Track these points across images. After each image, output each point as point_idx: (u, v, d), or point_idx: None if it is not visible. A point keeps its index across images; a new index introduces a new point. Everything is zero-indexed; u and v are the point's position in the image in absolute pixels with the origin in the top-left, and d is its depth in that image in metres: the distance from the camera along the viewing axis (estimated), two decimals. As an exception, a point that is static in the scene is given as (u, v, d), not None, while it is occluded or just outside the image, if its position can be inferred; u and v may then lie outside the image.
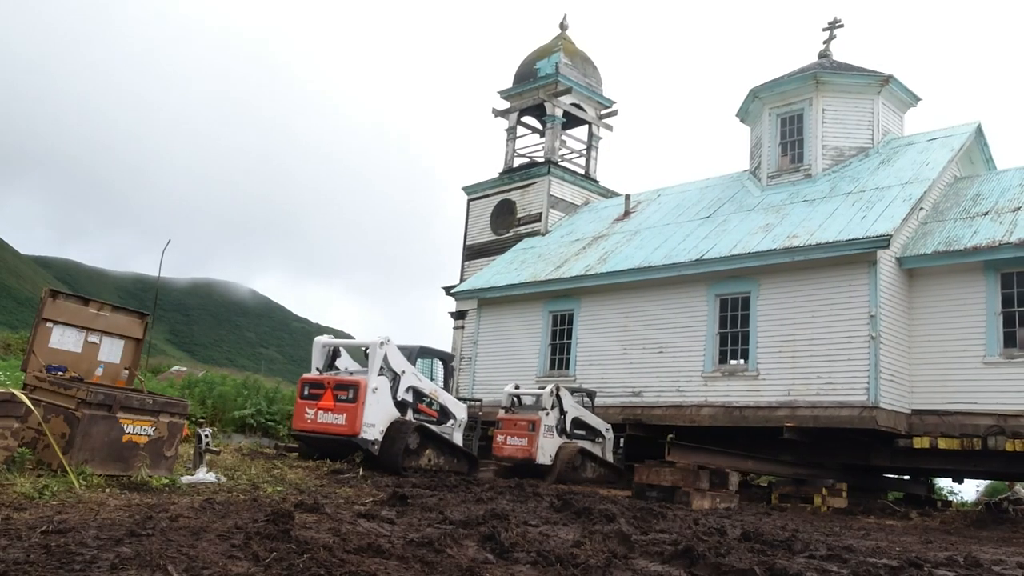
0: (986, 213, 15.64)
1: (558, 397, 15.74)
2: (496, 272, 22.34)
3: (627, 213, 22.33)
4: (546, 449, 15.23)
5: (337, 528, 5.79)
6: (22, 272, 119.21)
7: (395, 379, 13.03)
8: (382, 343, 12.85)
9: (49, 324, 9.01)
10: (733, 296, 16.86)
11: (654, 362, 17.71)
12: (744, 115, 20.91)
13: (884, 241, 14.44)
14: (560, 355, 19.83)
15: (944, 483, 24.78)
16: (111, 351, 9.52)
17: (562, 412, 15.83)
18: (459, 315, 24.48)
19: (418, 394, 13.53)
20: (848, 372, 14.75)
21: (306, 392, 12.76)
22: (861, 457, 15.72)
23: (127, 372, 9.68)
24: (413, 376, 13.49)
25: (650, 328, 18.00)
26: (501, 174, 26.16)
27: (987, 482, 27.53)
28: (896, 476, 18.65)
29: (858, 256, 14.90)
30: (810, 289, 15.63)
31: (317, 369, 13.36)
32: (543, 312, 20.37)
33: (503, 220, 25.33)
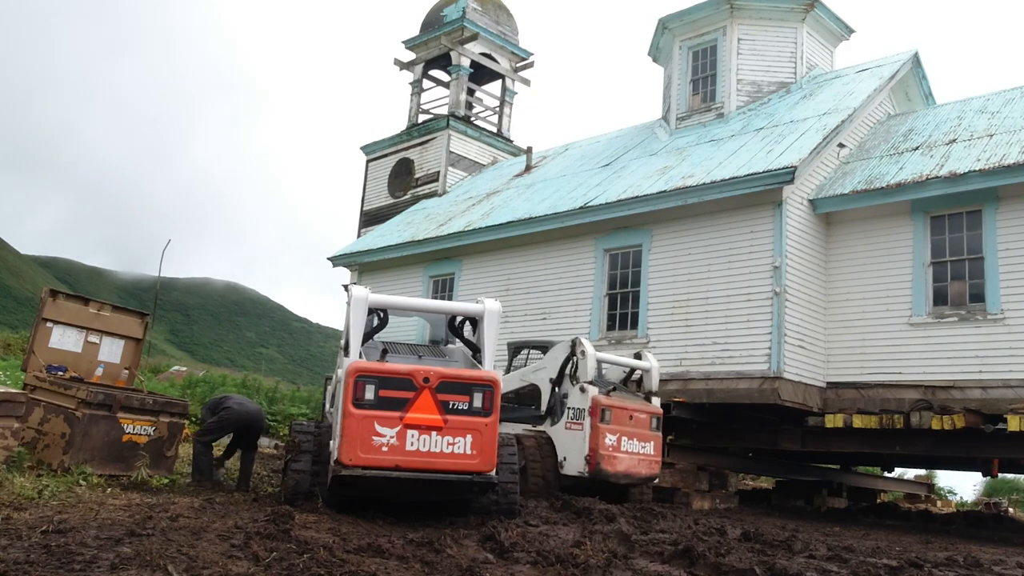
0: (916, 148, 13.07)
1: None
2: (380, 235, 19.57)
3: (528, 168, 19.62)
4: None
5: (337, 528, 5.75)
6: (22, 272, 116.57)
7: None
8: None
9: (49, 324, 9.07)
10: (624, 250, 14.20)
11: (536, 330, 15.01)
12: (656, 53, 18.24)
13: (788, 174, 11.82)
14: (440, 326, 17.08)
15: (945, 483, 23.21)
16: (111, 351, 9.57)
17: None
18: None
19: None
20: (747, 336, 12.14)
21: (371, 396, 6.72)
22: (768, 440, 13.14)
23: (127, 372, 9.70)
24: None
25: (533, 291, 15.30)
26: (402, 131, 23.36)
27: (986, 480, 25.36)
28: (822, 464, 16.07)
29: (761, 196, 12.28)
30: (707, 238, 12.99)
31: (410, 346, 8.18)
32: (423, 277, 17.63)
33: (400, 181, 22.53)
